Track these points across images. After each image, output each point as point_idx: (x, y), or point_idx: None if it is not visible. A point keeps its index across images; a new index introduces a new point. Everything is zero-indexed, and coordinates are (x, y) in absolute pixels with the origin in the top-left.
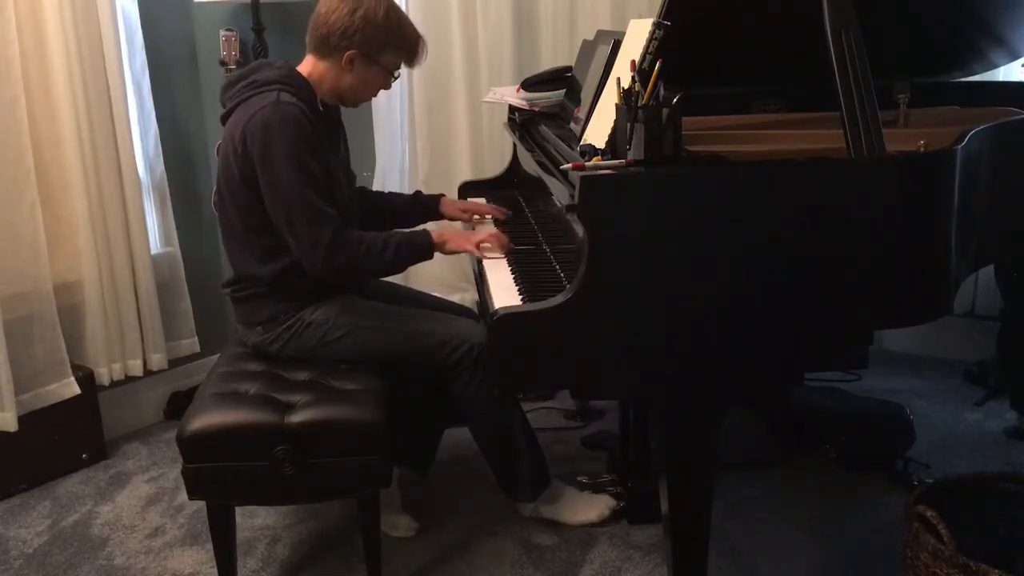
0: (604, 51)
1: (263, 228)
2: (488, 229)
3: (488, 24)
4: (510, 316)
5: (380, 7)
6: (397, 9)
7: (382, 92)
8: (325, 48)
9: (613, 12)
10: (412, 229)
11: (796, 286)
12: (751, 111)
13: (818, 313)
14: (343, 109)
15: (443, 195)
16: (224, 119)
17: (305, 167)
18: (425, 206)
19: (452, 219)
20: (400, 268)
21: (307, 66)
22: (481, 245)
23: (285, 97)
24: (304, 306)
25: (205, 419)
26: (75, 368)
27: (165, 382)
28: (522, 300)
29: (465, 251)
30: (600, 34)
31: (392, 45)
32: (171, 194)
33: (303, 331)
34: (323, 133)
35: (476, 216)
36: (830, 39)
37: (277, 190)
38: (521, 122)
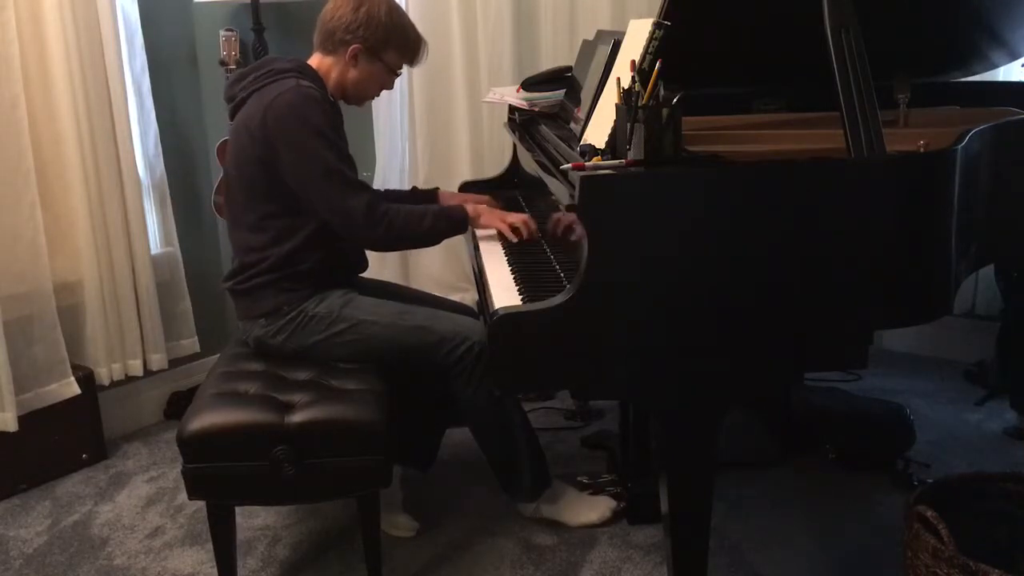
0: (604, 51)
1: (278, 212)
2: (520, 214)
3: (488, 24)
4: (510, 316)
5: (383, 6)
6: (400, 10)
7: (382, 92)
8: (331, 44)
9: (613, 12)
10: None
11: (796, 286)
12: (751, 111)
13: (818, 313)
14: (343, 109)
15: (438, 188)
16: (234, 111)
17: (335, 144)
18: (423, 201)
19: None
20: (437, 238)
21: (314, 61)
22: (512, 226)
23: (304, 83)
24: (308, 298)
25: (205, 419)
26: (75, 368)
27: (165, 382)
28: (522, 300)
29: (496, 228)
30: (600, 34)
31: (394, 43)
32: (171, 194)
33: (306, 324)
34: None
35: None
36: (830, 39)
37: (308, 167)
38: (521, 122)
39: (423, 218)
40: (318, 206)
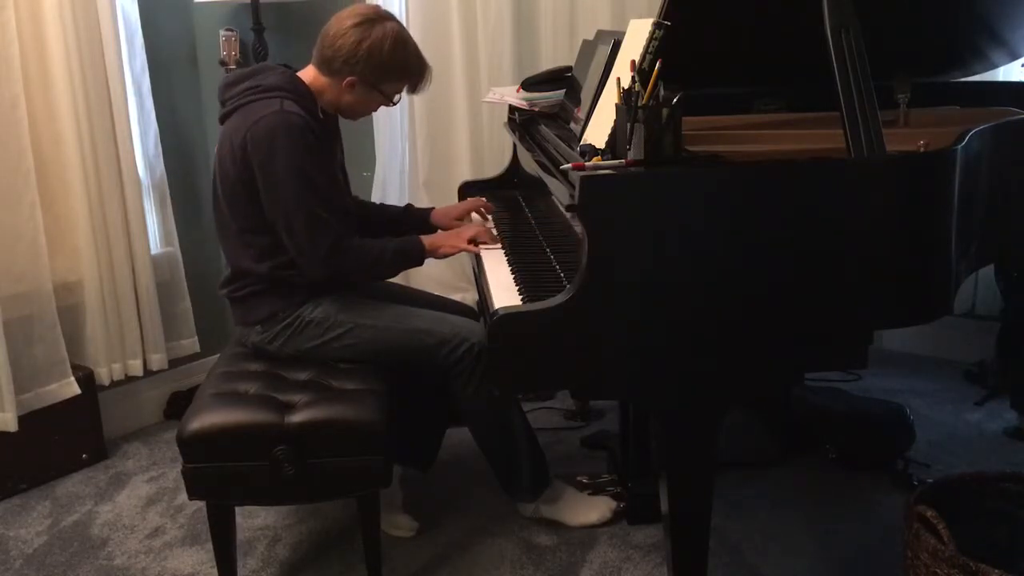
0: (604, 51)
1: (259, 229)
2: (474, 224)
3: (488, 24)
4: (510, 316)
5: (386, 41)
6: (404, 41)
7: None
8: (328, 68)
9: (613, 12)
10: (405, 238)
11: (796, 286)
12: (751, 111)
13: (818, 313)
14: None
15: (433, 208)
16: (223, 119)
17: (307, 176)
18: (416, 219)
19: (446, 230)
20: (392, 275)
21: (309, 75)
22: (477, 242)
23: (289, 106)
24: (303, 303)
25: (205, 419)
26: (75, 368)
27: (165, 382)
28: (522, 300)
29: (460, 251)
30: (600, 34)
31: (394, 76)
32: (171, 194)
33: (303, 329)
34: (324, 140)
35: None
36: (830, 39)
37: (278, 198)
38: (521, 122)
39: (381, 258)
40: (280, 231)
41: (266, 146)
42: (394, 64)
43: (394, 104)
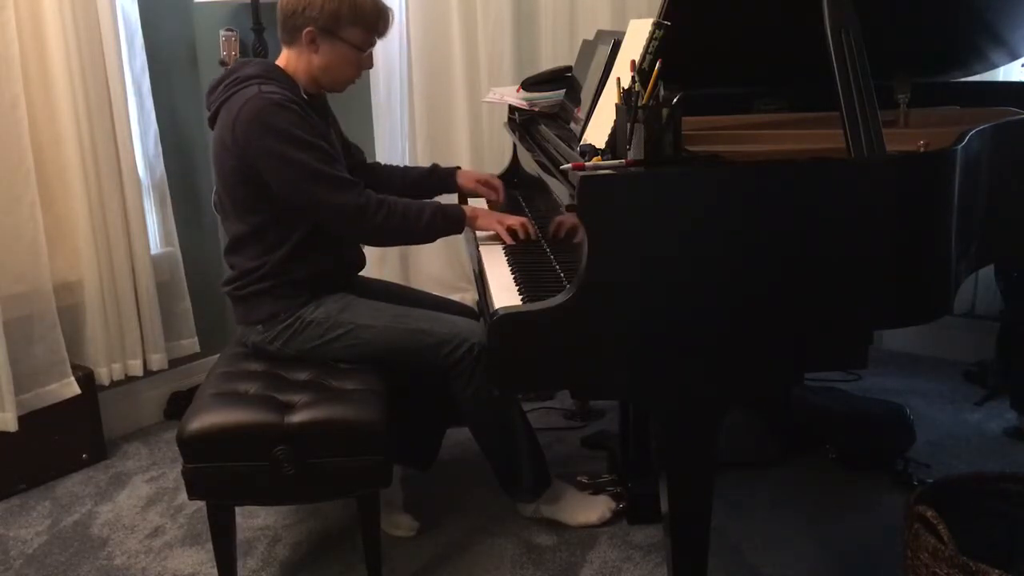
0: (604, 51)
1: (262, 223)
2: (519, 217)
3: (488, 24)
4: (510, 316)
5: None
6: None
7: (382, 92)
8: (288, 35)
9: (613, 12)
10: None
11: (796, 286)
12: (751, 111)
13: (818, 313)
14: (340, 108)
15: (459, 167)
16: (212, 121)
17: (307, 141)
18: (441, 178)
19: (468, 192)
20: (433, 236)
21: (282, 59)
22: (509, 229)
23: (266, 88)
24: (304, 304)
25: (205, 419)
26: (75, 368)
27: (165, 382)
28: (522, 300)
29: (492, 231)
30: (600, 34)
31: (346, 17)
32: (171, 194)
33: (303, 330)
34: (312, 118)
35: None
36: (830, 39)
37: (291, 174)
38: (521, 122)
39: (420, 215)
40: (308, 209)
41: (257, 129)
42: (340, 2)
43: (367, 57)
